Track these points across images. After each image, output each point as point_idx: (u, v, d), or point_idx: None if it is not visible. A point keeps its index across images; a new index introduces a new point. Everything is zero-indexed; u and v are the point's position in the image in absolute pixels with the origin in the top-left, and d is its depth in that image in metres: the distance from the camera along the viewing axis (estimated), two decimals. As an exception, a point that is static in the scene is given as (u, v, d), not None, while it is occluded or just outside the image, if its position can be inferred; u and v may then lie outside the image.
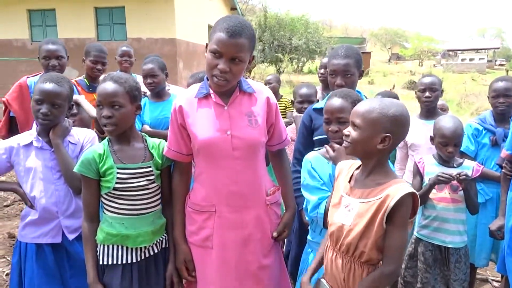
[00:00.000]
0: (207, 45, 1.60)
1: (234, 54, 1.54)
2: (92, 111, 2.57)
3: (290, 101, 3.42)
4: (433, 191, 2.24)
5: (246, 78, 1.80)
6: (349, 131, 1.46)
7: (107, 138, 1.75)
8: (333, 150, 1.80)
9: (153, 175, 1.74)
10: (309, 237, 1.89)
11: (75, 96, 2.37)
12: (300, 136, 2.26)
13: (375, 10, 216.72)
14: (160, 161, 1.77)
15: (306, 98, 3.03)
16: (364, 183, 1.47)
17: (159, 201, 1.80)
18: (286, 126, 3.19)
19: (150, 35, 11.42)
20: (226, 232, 1.69)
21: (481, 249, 2.61)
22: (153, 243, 1.75)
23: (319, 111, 2.16)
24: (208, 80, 1.68)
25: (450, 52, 37.41)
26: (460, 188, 2.19)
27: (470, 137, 2.66)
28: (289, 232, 1.88)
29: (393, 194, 1.36)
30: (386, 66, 32.53)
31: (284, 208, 1.91)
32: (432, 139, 2.31)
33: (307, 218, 1.89)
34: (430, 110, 2.72)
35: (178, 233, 1.77)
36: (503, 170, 2.35)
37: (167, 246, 1.82)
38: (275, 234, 1.78)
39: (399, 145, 2.86)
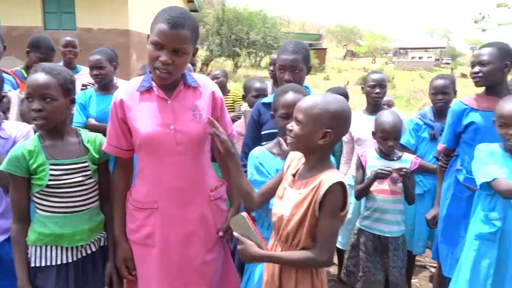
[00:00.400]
0: (148, 36, 1.57)
1: (176, 45, 1.52)
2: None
3: (242, 95, 3.43)
4: (375, 183, 2.34)
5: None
6: (292, 126, 1.48)
7: (37, 133, 1.67)
8: (287, 145, 1.83)
9: (89, 170, 1.68)
10: None
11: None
12: (248, 130, 2.27)
13: (331, 7, 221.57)
14: (96, 156, 1.72)
15: (262, 92, 3.04)
16: (305, 176, 1.50)
17: (96, 197, 1.75)
18: (235, 121, 3.21)
19: (101, 25, 10.98)
20: (169, 229, 1.67)
21: (419, 237, 2.76)
22: (91, 241, 1.70)
23: (267, 105, 2.18)
24: (150, 73, 1.64)
25: (401, 50, 39.01)
26: (400, 181, 2.30)
27: (411, 131, 2.80)
28: None
29: (324, 182, 1.40)
30: (341, 62, 33.41)
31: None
32: (374, 134, 2.41)
33: (253, 213, 1.91)
34: (376, 106, 2.83)
35: (118, 231, 1.72)
36: (439, 163, 2.49)
37: (105, 244, 1.77)
38: (220, 233, 1.78)
39: (346, 140, 2.96)
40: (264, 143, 2.01)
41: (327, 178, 1.40)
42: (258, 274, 1.78)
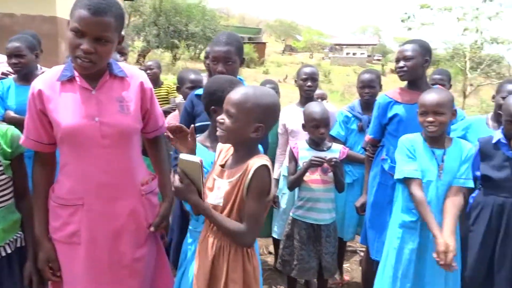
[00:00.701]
0: (69, 22, 1.47)
1: (98, 33, 1.43)
2: None
3: (176, 86, 3.36)
4: (307, 174, 2.41)
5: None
6: (224, 119, 1.47)
7: None
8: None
9: (1, 166, 1.55)
10: (190, 226, 1.89)
11: None
12: (181, 122, 2.23)
13: (271, 2, 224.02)
14: (8, 150, 1.58)
15: (197, 84, 2.99)
16: (234, 165, 1.51)
17: (10, 195, 1.62)
18: (169, 113, 3.13)
19: (25, 11, 10.10)
20: (96, 226, 1.59)
21: (349, 224, 2.91)
22: (5, 243, 1.58)
23: (200, 97, 2.15)
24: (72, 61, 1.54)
25: (337, 46, 40.58)
26: (330, 170, 2.40)
27: (341, 123, 2.92)
28: (168, 223, 1.85)
29: (251, 166, 1.42)
30: (280, 57, 34.01)
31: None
32: (304, 126, 2.48)
33: (187, 207, 1.88)
34: (309, 99, 2.90)
35: (40, 230, 1.61)
36: (366, 153, 2.63)
37: (22, 244, 1.65)
38: (152, 228, 1.74)
39: (280, 132, 3.02)
40: (198, 135, 1.99)
41: (254, 163, 1.42)
42: (192, 270, 1.75)
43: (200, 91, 2.25)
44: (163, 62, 22.71)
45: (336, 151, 2.48)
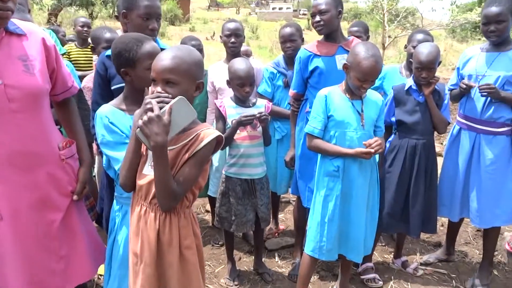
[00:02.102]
0: None
1: None
2: None
3: (91, 47, 3.13)
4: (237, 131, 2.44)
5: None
6: (166, 90, 1.38)
7: None
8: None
9: None
10: (116, 192, 1.84)
11: None
12: (95, 87, 2.11)
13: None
14: None
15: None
16: None
17: None
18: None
19: None
20: (16, 198, 1.50)
21: (281, 179, 3.02)
22: None
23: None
24: None
25: (263, 1, 40.01)
26: (259, 125, 2.44)
27: (267, 80, 2.95)
28: (91, 188, 1.80)
29: (206, 136, 1.41)
30: (206, 13, 32.84)
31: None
32: (228, 82, 2.47)
33: (110, 174, 1.83)
34: (234, 55, 2.87)
35: None
36: (291, 108, 2.70)
37: None
38: (75, 197, 1.68)
39: (209, 90, 2.99)
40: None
41: (207, 133, 1.42)
42: (123, 236, 1.73)
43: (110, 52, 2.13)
44: (79, 22, 20.88)
45: (261, 106, 2.52)
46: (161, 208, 1.43)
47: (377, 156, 2.96)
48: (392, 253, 3.00)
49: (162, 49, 2.12)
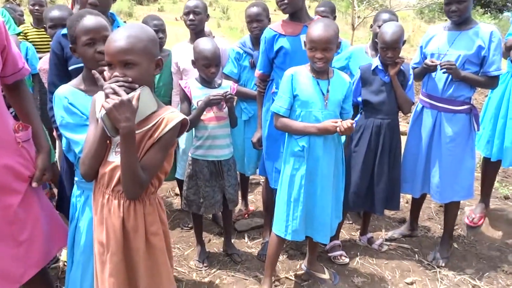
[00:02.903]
0: None
1: None
2: None
3: (42, 27, 2.97)
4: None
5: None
6: (124, 73, 1.32)
7: None
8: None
9: None
10: (76, 177, 1.79)
11: None
12: (52, 68, 2.01)
13: None
14: None
15: (59, 21, 2.65)
16: None
17: None
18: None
19: None
20: None
21: (249, 160, 3.01)
22: None
23: None
24: None
25: (234, -19, 39.18)
26: (225, 106, 2.41)
27: (233, 60, 2.91)
28: (51, 175, 1.73)
29: (170, 120, 1.37)
30: (175, -8, 31.90)
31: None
32: (194, 62, 2.42)
33: (70, 157, 1.77)
34: (197, 34, 2.80)
35: None
36: (257, 89, 2.67)
37: None
38: (34, 184, 1.62)
39: (173, 71, 2.92)
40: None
41: (171, 117, 1.38)
42: (85, 223, 1.69)
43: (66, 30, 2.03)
44: None
45: (226, 87, 2.49)
46: (127, 196, 1.39)
47: (343, 137, 3.02)
48: (359, 230, 3.07)
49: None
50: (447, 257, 2.78)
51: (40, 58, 3.17)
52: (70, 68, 1.96)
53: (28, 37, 3.78)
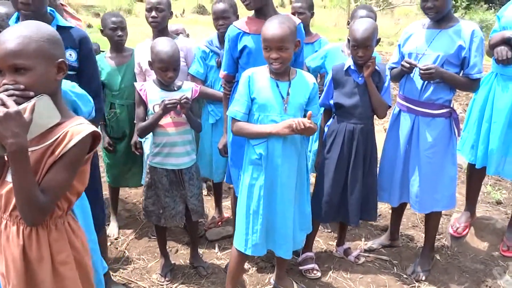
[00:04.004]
0: None
1: None
2: None
3: None
4: (160, 117, 2.23)
5: None
6: (15, 80, 1.14)
7: None
8: None
9: None
10: None
11: None
12: None
13: None
14: None
15: None
16: None
17: None
18: None
19: None
20: None
21: (217, 166, 2.84)
22: None
23: None
24: None
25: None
26: (183, 111, 2.24)
27: (199, 60, 2.73)
28: None
29: (75, 133, 1.20)
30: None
31: None
32: (150, 64, 2.25)
33: None
34: (159, 32, 2.63)
35: None
36: (223, 90, 2.50)
37: None
38: None
39: (137, 71, 2.75)
40: None
41: (78, 130, 1.20)
42: None
43: None
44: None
45: (187, 90, 2.32)
46: (26, 223, 1.22)
47: (315, 145, 2.84)
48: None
49: (60, 28, 1.89)
50: (428, 270, 2.60)
51: None
52: None
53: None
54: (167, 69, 2.19)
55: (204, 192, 3.65)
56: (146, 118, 2.27)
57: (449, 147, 2.40)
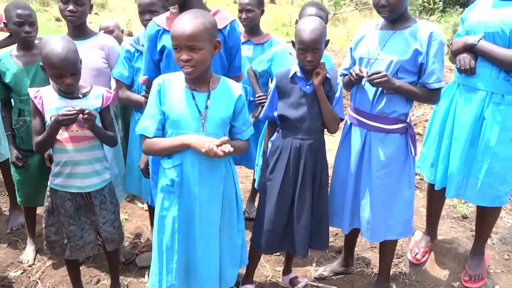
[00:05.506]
0: None
1: None
2: None
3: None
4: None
5: None
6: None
7: None
8: None
9: None
10: None
11: None
12: None
13: None
14: None
15: None
16: None
17: None
18: None
19: None
20: None
21: (146, 184, 2.43)
22: None
23: None
24: None
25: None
26: (85, 125, 1.85)
27: (124, 61, 2.33)
28: None
29: None
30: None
31: None
32: (43, 69, 1.85)
33: None
34: (77, 28, 2.26)
35: None
36: (144, 98, 2.11)
37: None
38: None
39: None
40: None
41: None
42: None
43: None
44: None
45: (97, 96, 1.93)
46: None
47: (261, 159, 2.50)
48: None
49: None
50: (381, 304, 2.30)
51: None
52: None
53: None
54: (61, 75, 1.79)
55: (145, 206, 3.28)
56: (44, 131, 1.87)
57: (405, 168, 2.09)
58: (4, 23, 2.32)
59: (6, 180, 2.92)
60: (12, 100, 2.37)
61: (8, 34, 2.83)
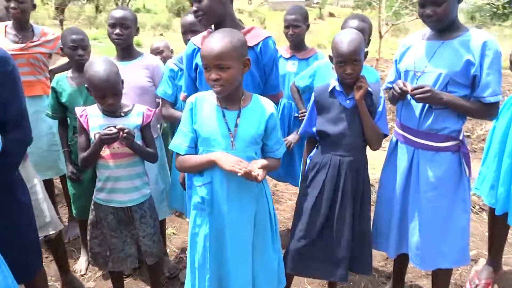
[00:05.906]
0: None
1: None
2: None
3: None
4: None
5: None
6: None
7: None
8: None
9: None
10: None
11: None
12: None
13: None
14: None
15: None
16: None
17: None
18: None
19: None
20: None
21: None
22: None
23: None
24: None
25: (276, -9, 38.99)
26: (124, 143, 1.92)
27: (168, 80, 2.40)
28: None
29: None
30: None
31: None
32: (88, 90, 1.96)
33: None
34: (124, 50, 2.36)
35: None
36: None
37: None
38: None
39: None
40: None
41: None
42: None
43: None
44: (84, 15, 20.65)
45: (138, 114, 2.00)
46: None
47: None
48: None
49: None
50: None
51: None
52: None
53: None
54: (103, 96, 1.88)
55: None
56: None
57: (458, 190, 1.90)
58: (60, 47, 2.51)
59: (65, 193, 3.12)
60: (68, 118, 2.54)
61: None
